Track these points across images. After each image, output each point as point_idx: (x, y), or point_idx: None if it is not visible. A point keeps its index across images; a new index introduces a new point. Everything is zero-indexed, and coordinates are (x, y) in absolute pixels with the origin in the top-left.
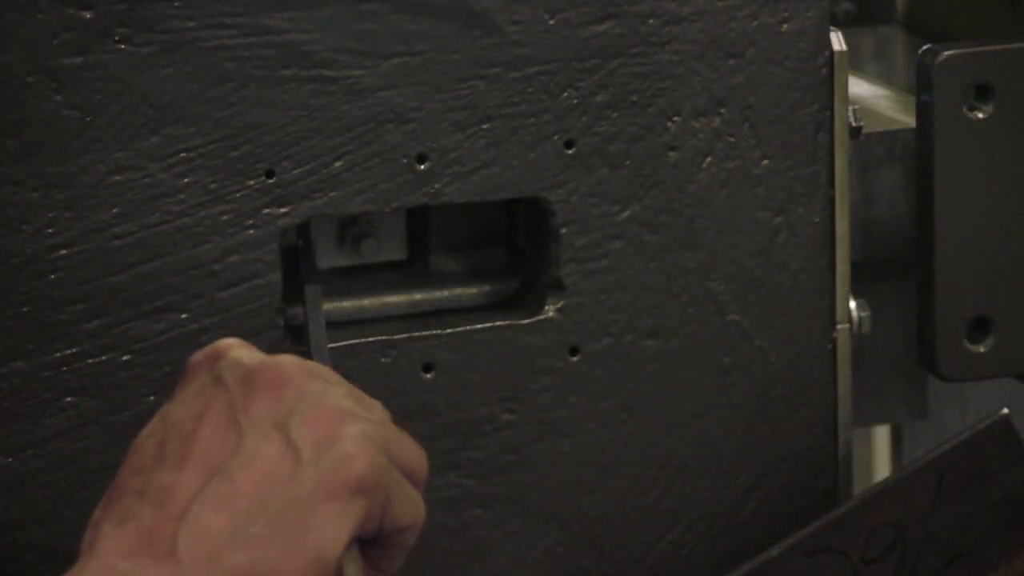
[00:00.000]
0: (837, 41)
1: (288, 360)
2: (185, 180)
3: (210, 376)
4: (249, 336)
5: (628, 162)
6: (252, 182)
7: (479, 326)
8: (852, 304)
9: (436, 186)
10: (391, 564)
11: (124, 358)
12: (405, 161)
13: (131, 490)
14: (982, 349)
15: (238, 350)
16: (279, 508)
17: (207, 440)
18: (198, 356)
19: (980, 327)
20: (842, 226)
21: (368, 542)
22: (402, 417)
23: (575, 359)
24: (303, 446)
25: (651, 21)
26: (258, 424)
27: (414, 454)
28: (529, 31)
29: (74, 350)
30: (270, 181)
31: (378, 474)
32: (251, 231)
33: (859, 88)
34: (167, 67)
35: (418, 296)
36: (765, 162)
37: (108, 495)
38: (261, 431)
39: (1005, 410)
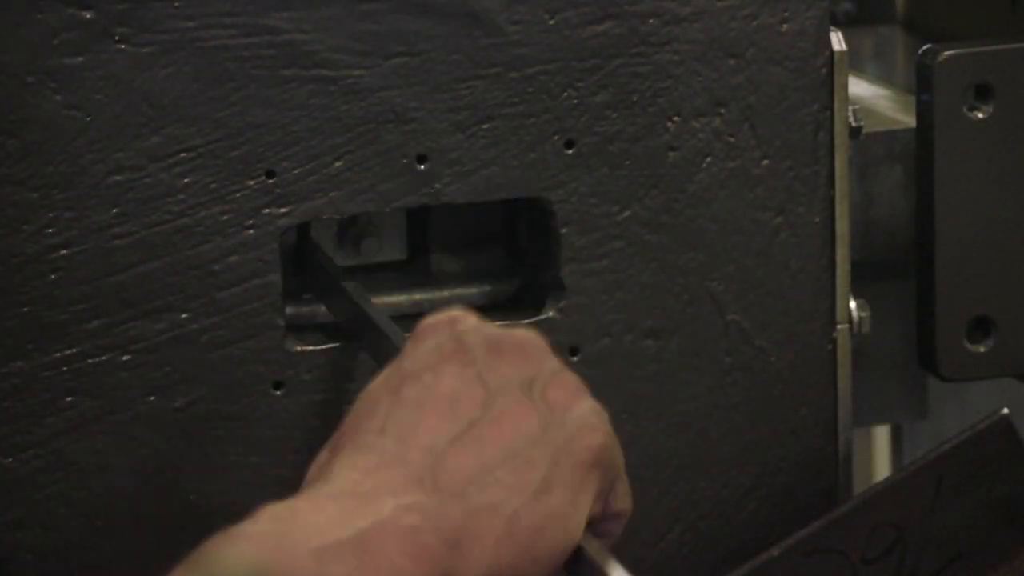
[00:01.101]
0: (837, 41)
1: (530, 332)
2: (185, 180)
3: (449, 336)
4: (249, 336)
5: (628, 162)
6: (252, 182)
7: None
8: (852, 304)
9: (436, 186)
10: None
11: (124, 358)
12: (405, 161)
13: (367, 428)
14: (982, 349)
15: (475, 320)
16: (525, 463)
17: (449, 385)
18: (432, 319)
19: (980, 327)
20: (842, 226)
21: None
22: None
23: (575, 359)
24: (547, 411)
25: (651, 21)
26: (504, 385)
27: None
28: (529, 31)
29: (74, 350)
30: (270, 181)
31: (612, 451)
32: (251, 231)
33: (859, 88)
34: (167, 67)
35: (418, 296)
36: (765, 162)
37: (338, 436)
38: (507, 391)
39: (1005, 410)
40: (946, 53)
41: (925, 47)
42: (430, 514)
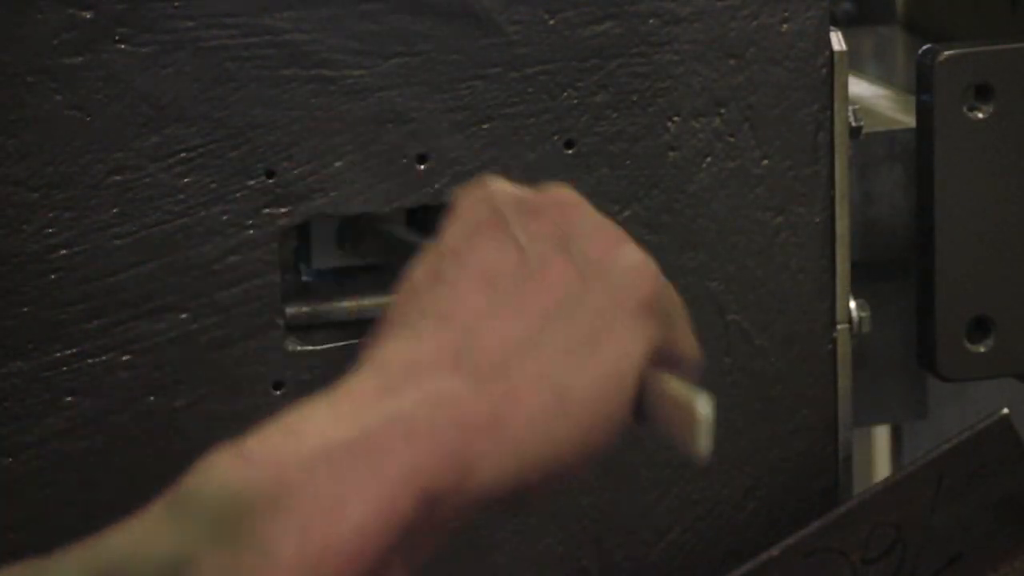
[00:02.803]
0: (837, 41)
1: (563, 188)
2: (185, 180)
3: (481, 203)
4: (249, 336)
5: (628, 162)
6: (252, 182)
7: None
8: (852, 304)
9: (436, 186)
10: None
11: (124, 358)
12: (405, 161)
13: (409, 311)
14: (982, 349)
15: (507, 182)
16: (568, 322)
17: (485, 257)
18: (464, 191)
19: (980, 327)
20: (842, 226)
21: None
22: None
23: None
24: (587, 264)
25: (651, 21)
26: (538, 243)
27: (675, 293)
28: (529, 31)
29: (74, 350)
30: (270, 181)
31: (663, 296)
32: (251, 231)
33: (859, 88)
34: (167, 67)
35: None
36: (765, 162)
37: (382, 323)
38: (542, 249)
39: (1005, 410)
40: (946, 53)
41: (925, 47)
42: (461, 401)
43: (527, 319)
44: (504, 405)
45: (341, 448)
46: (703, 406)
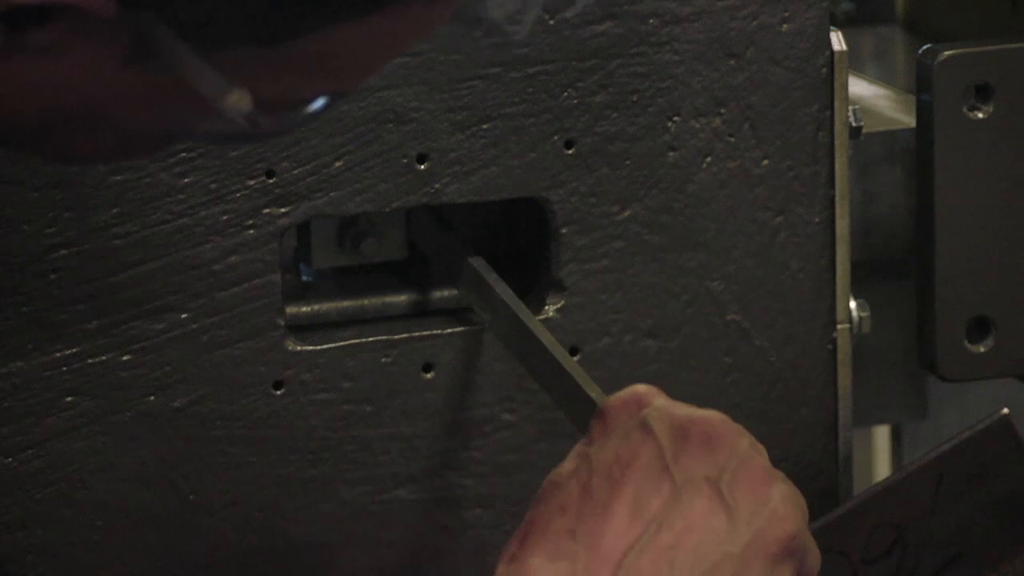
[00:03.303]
0: (837, 41)
1: (716, 416)
2: (185, 180)
3: (636, 422)
4: (249, 336)
5: (628, 162)
6: (252, 182)
7: (479, 326)
8: (852, 304)
9: (436, 186)
10: None
11: (124, 358)
12: (405, 161)
13: (559, 528)
14: (982, 349)
15: (662, 399)
16: (714, 563)
17: (638, 487)
18: (618, 399)
19: (980, 327)
20: (842, 226)
21: None
22: (402, 417)
23: (575, 359)
24: (736, 504)
25: (651, 21)
26: (691, 478)
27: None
28: (529, 31)
29: (74, 350)
30: (270, 181)
31: (804, 537)
32: (251, 231)
33: (859, 88)
34: None
35: (418, 296)
36: (765, 162)
37: (526, 531)
38: (695, 485)
39: (1005, 410)
40: (946, 53)
41: (925, 47)
42: None
43: (675, 560)
44: None
45: None
46: None
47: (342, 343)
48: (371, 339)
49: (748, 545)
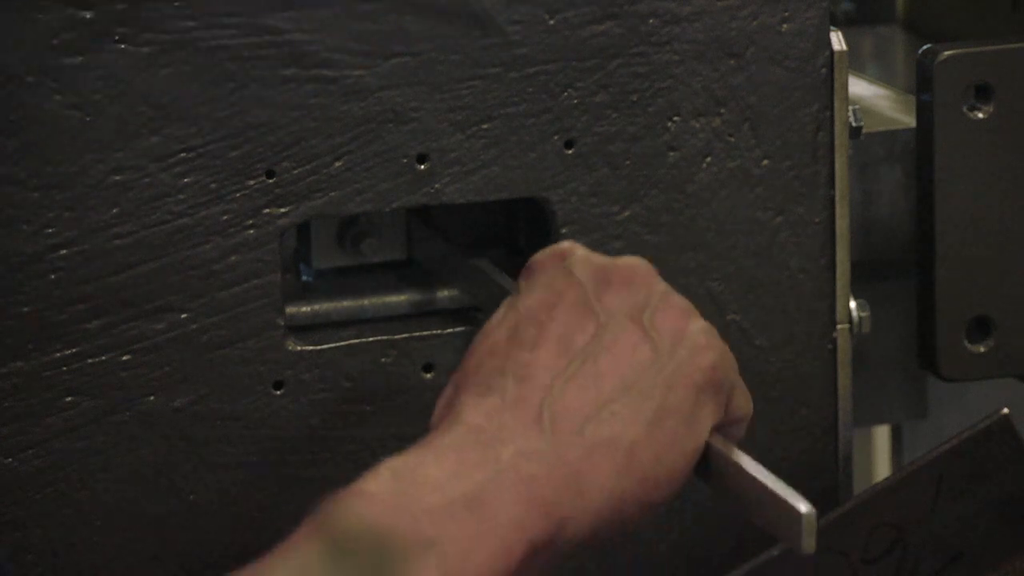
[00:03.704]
0: (837, 41)
1: (635, 259)
2: (185, 180)
3: (560, 270)
4: (249, 336)
5: (628, 162)
6: (252, 182)
7: (479, 326)
8: (852, 304)
9: (436, 186)
10: None
11: (124, 358)
12: (405, 161)
13: (489, 368)
14: (982, 349)
15: (584, 250)
16: (640, 391)
17: (563, 325)
18: (542, 254)
19: (980, 327)
20: (842, 226)
21: None
22: (402, 417)
23: None
24: (658, 337)
25: (651, 21)
26: (614, 314)
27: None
28: (529, 31)
29: (74, 350)
30: (270, 181)
31: (725, 366)
32: (251, 231)
33: (859, 88)
34: (167, 67)
35: (418, 296)
36: (765, 162)
37: (460, 374)
38: (618, 321)
39: (1005, 410)
40: (946, 53)
41: (925, 47)
42: (549, 460)
43: (601, 386)
44: (582, 466)
45: (461, 503)
46: (804, 505)
47: (342, 343)
48: (371, 339)
49: (672, 374)
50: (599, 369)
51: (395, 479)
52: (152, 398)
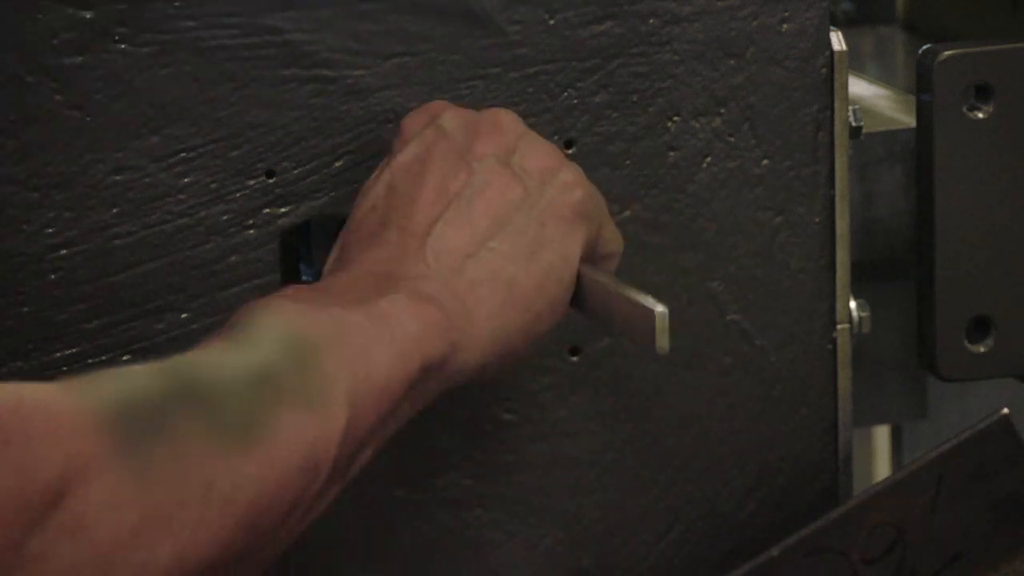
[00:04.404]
0: (837, 41)
1: (501, 109)
2: (185, 180)
3: (430, 127)
4: None
5: (628, 162)
6: (252, 182)
7: None
8: (852, 304)
9: None
10: None
11: (124, 358)
12: None
13: (372, 222)
14: (982, 349)
15: (452, 106)
16: (514, 228)
17: (437, 175)
18: (412, 115)
19: (980, 327)
20: (842, 226)
21: None
22: None
23: (575, 359)
24: (527, 177)
25: (651, 21)
26: (485, 160)
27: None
28: (529, 31)
29: (74, 350)
30: (270, 181)
31: (593, 201)
32: (251, 231)
33: (859, 88)
34: (167, 67)
35: None
36: (765, 162)
37: (344, 233)
38: (489, 165)
39: (1005, 410)
40: (946, 53)
41: (925, 47)
42: (438, 290)
43: (478, 226)
44: (468, 298)
45: (362, 313)
46: (657, 304)
47: None
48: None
49: (543, 210)
50: (474, 210)
51: (297, 293)
52: None
